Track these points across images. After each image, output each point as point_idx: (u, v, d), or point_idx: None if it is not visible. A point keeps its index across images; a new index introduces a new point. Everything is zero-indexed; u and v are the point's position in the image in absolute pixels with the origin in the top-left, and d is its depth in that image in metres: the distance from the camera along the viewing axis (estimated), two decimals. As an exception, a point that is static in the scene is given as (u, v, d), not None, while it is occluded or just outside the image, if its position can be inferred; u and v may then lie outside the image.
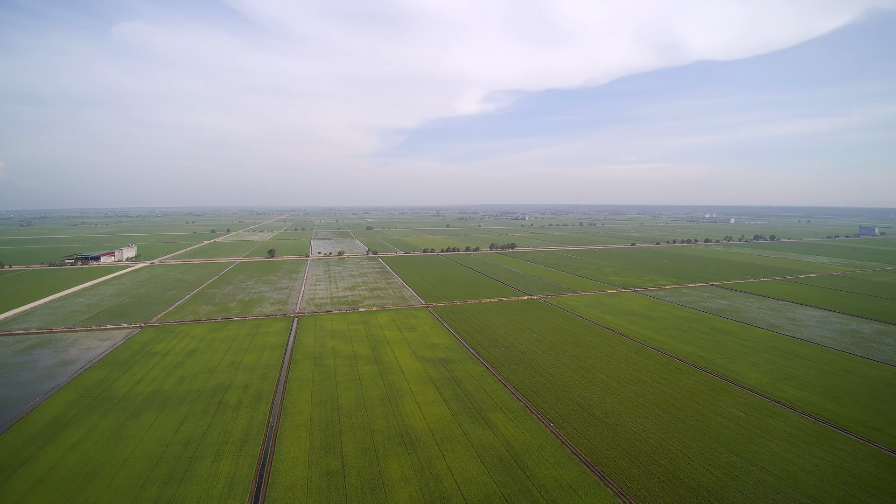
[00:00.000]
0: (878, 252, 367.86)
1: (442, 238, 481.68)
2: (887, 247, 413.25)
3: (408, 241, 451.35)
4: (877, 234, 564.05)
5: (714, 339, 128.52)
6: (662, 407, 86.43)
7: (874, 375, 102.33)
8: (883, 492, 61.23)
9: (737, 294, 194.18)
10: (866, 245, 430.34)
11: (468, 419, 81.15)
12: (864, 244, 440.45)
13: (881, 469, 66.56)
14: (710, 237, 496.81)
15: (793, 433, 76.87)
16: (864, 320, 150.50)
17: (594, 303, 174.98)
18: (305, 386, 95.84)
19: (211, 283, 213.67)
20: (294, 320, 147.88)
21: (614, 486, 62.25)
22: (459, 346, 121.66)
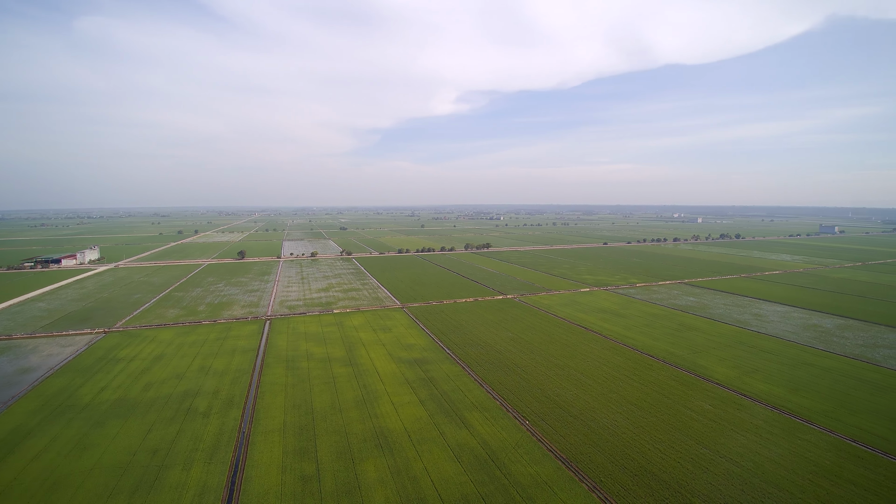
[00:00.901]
0: (838, 249, 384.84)
1: (417, 238, 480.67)
2: (846, 244, 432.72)
3: (382, 241, 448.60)
4: (836, 233, 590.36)
5: (683, 336, 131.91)
6: (634, 402, 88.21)
7: (835, 368, 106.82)
8: (845, 479, 63.91)
9: (704, 291, 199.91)
10: (826, 243, 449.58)
11: (445, 419, 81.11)
12: (824, 242, 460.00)
13: (842, 457, 69.49)
14: (679, 236, 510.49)
15: (759, 425, 79.50)
16: (825, 315, 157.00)
17: (568, 301, 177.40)
18: (278, 390, 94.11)
19: (178, 285, 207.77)
20: (266, 323, 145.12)
21: (589, 482, 63.18)
22: (435, 347, 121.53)
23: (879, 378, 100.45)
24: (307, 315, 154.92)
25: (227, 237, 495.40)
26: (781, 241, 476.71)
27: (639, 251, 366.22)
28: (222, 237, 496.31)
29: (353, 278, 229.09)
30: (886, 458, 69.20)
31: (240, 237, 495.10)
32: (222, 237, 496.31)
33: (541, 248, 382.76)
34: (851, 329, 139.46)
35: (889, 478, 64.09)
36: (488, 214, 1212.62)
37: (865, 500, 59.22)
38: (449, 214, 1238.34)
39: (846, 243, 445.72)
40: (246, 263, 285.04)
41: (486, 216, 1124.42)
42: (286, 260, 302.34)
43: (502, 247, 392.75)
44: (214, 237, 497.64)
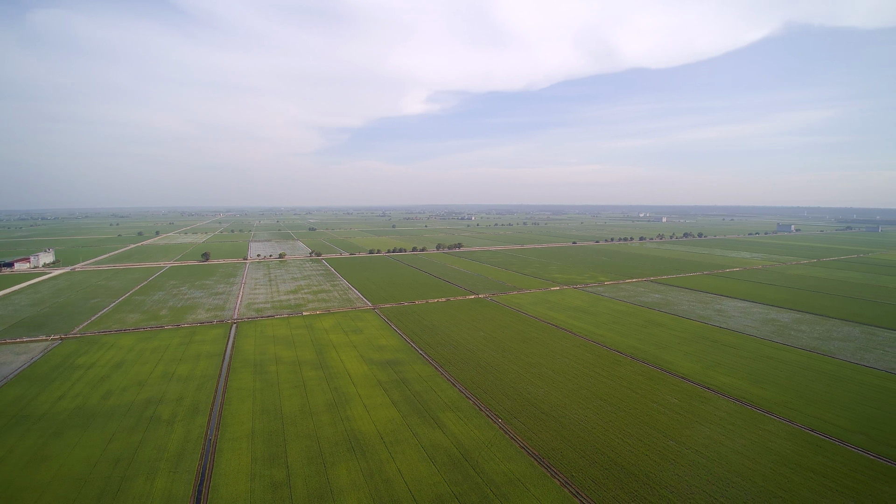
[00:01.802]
0: (794, 247, 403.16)
1: (388, 239, 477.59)
2: (802, 242, 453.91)
3: (353, 242, 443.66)
4: (793, 231, 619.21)
5: (649, 331, 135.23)
6: (604, 397, 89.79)
7: (792, 360, 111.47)
8: (804, 467, 66.71)
9: (669, 288, 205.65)
10: (783, 241, 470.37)
11: (418, 420, 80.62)
12: (781, 240, 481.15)
13: (801, 446, 72.51)
14: (645, 235, 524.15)
15: (722, 417, 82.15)
16: (782, 310, 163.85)
17: (539, 300, 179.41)
18: (246, 395, 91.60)
19: (139, 289, 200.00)
20: (232, 327, 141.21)
21: (561, 477, 63.90)
22: (407, 348, 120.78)
23: (834, 369, 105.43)
24: (275, 318, 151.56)
25: (190, 238, 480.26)
26: (741, 239, 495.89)
27: (607, 250, 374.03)
28: (185, 238, 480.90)
29: (322, 280, 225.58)
30: (842, 445, 72.64)
31: (204, 238, 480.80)
32: (185, 238, 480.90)
33: (512, 248, 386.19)
34: (807, 323, 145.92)
35: (845, 465, 67.27)
36: (460, 214, 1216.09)
37: (824, 487, 61.93)
38: (420, 215, 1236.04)
39: (802, 241, 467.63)
40: (210, 265, 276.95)
41: (457, 216, 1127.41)
42: (253, 261, 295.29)
43: (474, 247, 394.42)
44: (177, 239, 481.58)
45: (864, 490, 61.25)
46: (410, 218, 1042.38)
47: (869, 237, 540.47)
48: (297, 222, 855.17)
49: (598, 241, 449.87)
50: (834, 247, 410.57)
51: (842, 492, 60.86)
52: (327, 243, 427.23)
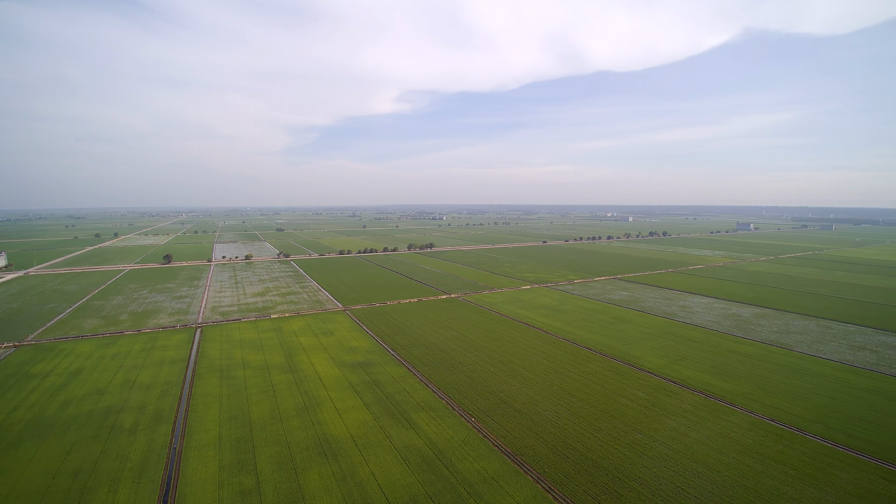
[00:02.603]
0: (753, 245, 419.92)
1: (359, 239, 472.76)
2: (760, 240, 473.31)
3: (322, 242, 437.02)
4: (752, 230, 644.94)
5: (617, 328, 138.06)
6: (574, 394, 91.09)
7: (753, 353, 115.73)
8: (765, 456, 69.26)
9: (636, 286, 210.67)
10: (743, 239, 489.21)
11: (391, 422, 79.88)
12: (741, 238, 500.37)
13: (763, 436, 75.27)
14: (612, 234, 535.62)
15: (688, 409, 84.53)
16: (742, 305, 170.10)
17: (510, 299, 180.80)
18: (212, 402, 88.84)
19: (97, 293, 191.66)
20: (197, 331, 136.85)
21: (534, 473, 64.42)
22: (379, 349, 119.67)
23: (792, 361, 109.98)
24: (242, 321, 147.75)
25: (151, 240, 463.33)
26: (703, 237, 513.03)
27: (576, 249, 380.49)
28: (146, 240, 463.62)
29: (291, 281, 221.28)
30: (801, 434, 75.78)
31: (166, 240, 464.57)
32: (146, 240, 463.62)
33: (483, 248, 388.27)
34: (766, 317, 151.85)
35: (804, 453, 70.18)
36: (431, 214, 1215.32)
37: (785, 475, 64.40)
38: (391, 215, 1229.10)
39: (760, 239, 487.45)
40: (173, 268, 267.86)
41: (428, 216, 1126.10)
42: (218, 263, 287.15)
43: (445, 246, 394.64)
44: (137, 240, 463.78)
45: (822, 477, 64.03)
46: (381, 218, 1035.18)
47: (823, 235, 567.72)
48: (265, 223, 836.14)
49: (568, 241, 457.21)
50: (790, 244, 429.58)
51: (802, 479, 63.43)
52: (296, 244, 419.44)
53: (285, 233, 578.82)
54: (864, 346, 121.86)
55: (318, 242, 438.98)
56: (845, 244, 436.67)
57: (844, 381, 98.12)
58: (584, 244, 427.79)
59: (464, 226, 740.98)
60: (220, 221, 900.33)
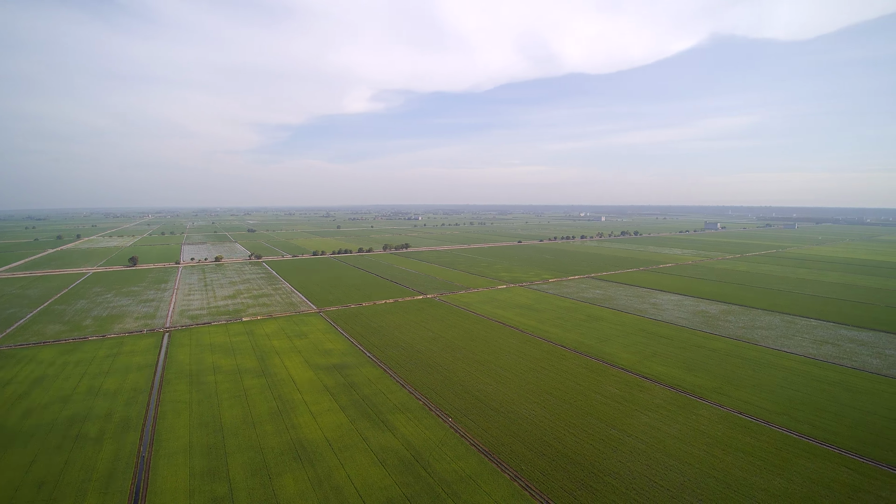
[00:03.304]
0: (720, 244, 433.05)
1: (333, 240, 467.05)
2: (727, 239, 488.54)
3: (295, 243, 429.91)
4: (719, 229, 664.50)
5: (591, 326, 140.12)
6: (549, 391, 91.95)
7: (721, 349, 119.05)
8: (734, 448, 71.28)
9: (609, 284, 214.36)
10: (710, 238, 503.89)
11: (367, 424, 79.04)
12: (708, 237, 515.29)
13: (731, 428, 77.46)
14: (586, 234, 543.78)
15: (659, 404, 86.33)
16: (711, 302, 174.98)
17: (486, 298, 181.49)
18: (182, 408, 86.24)
19: (59, 297, 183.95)
20: (165, 336, 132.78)
21: (511, 471, 64.69)
22: (355, 351, 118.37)
23: (758, 356, 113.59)
24: (212, 325, 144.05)
25: (115, 242, 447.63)
26: (673, 236, 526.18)
27: (550, 248, 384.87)
28: (110, 242, 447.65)
29: (263, 283, 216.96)
30: (768, 426, 78.27)
31: (131, 242, 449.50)
32: (110, 242, 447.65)
33: (459, 248, 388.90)
34: (733, 314, 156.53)
35: (771, 444, 72.50)
36: (406, 214, 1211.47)
37: (753, 466, 66.37)
38: (366, 215, 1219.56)
39: (727, 238, 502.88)
40: (139, 270, 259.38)
41: (404, 216, 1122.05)
42: (186, 265, 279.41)
43: (421, 247, 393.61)
44: (101, 242, 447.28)
45: (788, 467, 66.25)
46: (356, 218, 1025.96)
47: (786, 233, 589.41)
48: (235, 224, 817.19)
49: (543, 240, 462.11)
50: (755, 242, 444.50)
51: (769, 469, 65.50)
52: (268, 245, 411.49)
53: (256, 234, 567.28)
54: (827, 340, 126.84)
55: (291, 243, 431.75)
56: (807, 242, 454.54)
57: (808, 373, 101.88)
58: (559, 244, 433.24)
59: (439, 226, 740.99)
60: (189, 222, 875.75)
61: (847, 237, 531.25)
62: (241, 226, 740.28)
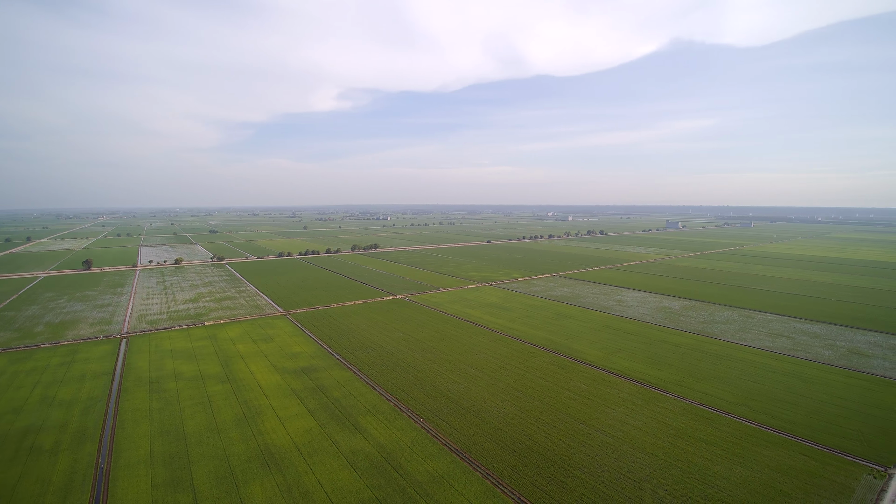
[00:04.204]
0: (682, 242, 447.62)
1: (299, 241, 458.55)
2: (688, 237, 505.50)
3: (260, 244, 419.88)
4: (680, 228, 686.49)
5: (559, 323, 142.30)
6: (520, 389, 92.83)
7: (683, 343, 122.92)
8: (697, 438, 73.69)
9: (576, 282, 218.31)
10: (672, 236, 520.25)
11: (337, 427, 77.83)
12: (670, 236, 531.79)
13: (693, 419, 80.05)
14: (553, 233, 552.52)
15: (626, 398, 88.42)
16: (673, 298, 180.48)
17: (456, 298, 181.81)
18: (141, 417, 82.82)
19: (8, 304, 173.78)
20: (122, 342, 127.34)
21: (483, 469, 64.93)
22: (324, 353, 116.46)
23: (718, 349, 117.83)
24: (173, 330, 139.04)
25: (68, 244, 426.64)
26: (637, 235, 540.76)
27: (519, 248, 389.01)
28: (62, 244, 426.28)
29: (227, 286, 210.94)
30: (728, 417, 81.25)
31: (85, 244, 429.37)
32: (62, 244, 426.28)
33: (428, 248, 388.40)
34: (694, 309, 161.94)
35: (732, 434, 75.30)
36: (375, 215, 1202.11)
37: (715, 455, 68.77)
38: (333, 215, 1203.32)
39: (688, 236, 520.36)
40: (94, 274, 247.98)
41: (372, 216, 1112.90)
42: (144, 268, 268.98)
43: (390, 247, 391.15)
44: (52, 245, 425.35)
45: (748, 455, 68.93)
46: (323, 219, 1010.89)
47: (743, 232, 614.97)
48: (196, 224, 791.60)
49: (511, 240, 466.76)
50: (714, 241, 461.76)
51: (730, 458, 67.98)
52: (231, 247, 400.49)
53: (219, 234, 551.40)
54: (782, 333, 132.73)
55: (256, 244, 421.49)
56: (763, 240, 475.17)
57: (765, 365, 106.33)
58: (527, 243, 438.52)
59: (409, 226, 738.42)
60: (146, 223, 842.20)
61: (800, 235, 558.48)
62: (203, 227, 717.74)
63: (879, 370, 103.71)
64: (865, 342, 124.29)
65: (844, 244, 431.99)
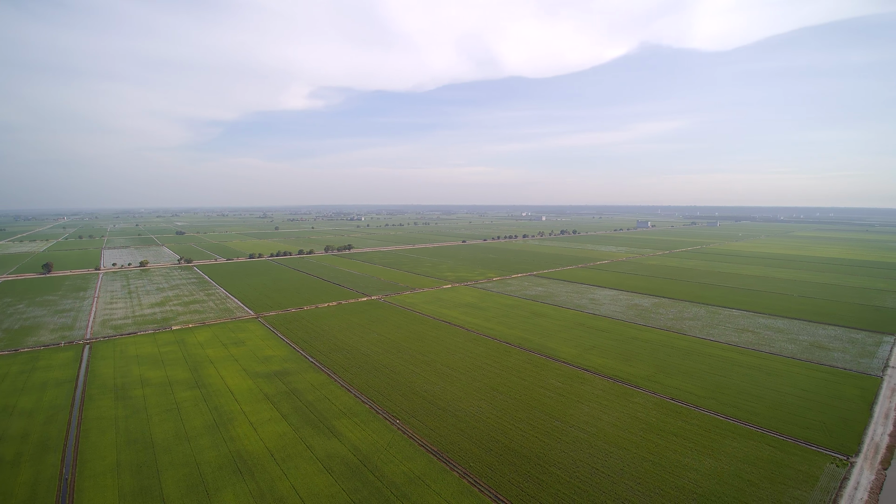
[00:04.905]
0: (651, 240, 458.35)
1: (271, 242, 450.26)
2: (657, 236, 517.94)
3: (230, 246, 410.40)
4: (649, 227, 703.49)
5: (534, 322, 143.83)
6: (495, 387, 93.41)
7: (654, 339, 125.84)
8: (667, 432, 75.59)
9: (550, 281, 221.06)
10: (642, 235, 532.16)
11: (311, 431, 76.74)
12: (640, 235, 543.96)
13: (664, 413, 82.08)
14: (528, 233, 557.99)
15: (599, 394, 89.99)
16: (643, 296, 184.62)
17: (431, 298, 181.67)
18: (107, 425, 79.92)
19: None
20: (85, 348, 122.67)
21: (459, 469, 65.06)
22: (297, 357, 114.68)
23: (687, 345, 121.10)
24: (139, 335, 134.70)
25: (27, 247, 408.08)
26: (608, 234, 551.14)
27: (494, 248, 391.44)
28: (20, 247, 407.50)
29: (195, 289, 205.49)
30: (697, 410, 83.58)
31: (44, 247, 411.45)
32: (20, 247, 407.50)
33: (403, 248, 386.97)
34: (664, 306, 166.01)
35: (700, 426, 77.52)
36: (349, 215, 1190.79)
37: (685, 448, 70.65)
38: (306, 216, 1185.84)
39: (657, 235, 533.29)
40: (54, 278, 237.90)
41: (346, 217, 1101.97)
42: (108, 272, 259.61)
43: (365, 248, 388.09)
44: (9, 248, 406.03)
45: (716, 447, 71.07)
46: (295, 219, 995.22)
47: (709, 231, 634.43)
48: (162, 226, 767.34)
49: (486, 240, 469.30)
50: (682, 239, 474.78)
51: (699, 450, 69.96)
52: (199, 248, 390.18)
53: (187, 236, 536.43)
54: (746, 328, 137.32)
55: (225, 246, 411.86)
56: (728, 239, 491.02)
57: (731, 360, 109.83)
58: (502, 243, 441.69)
59: (383, 226, 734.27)
60: (110, 225, 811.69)
61: (763, 234, 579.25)
62: (170, 228, 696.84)
63: (840, 362, 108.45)
64: (826, 336, 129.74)
65: (805, 242, 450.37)
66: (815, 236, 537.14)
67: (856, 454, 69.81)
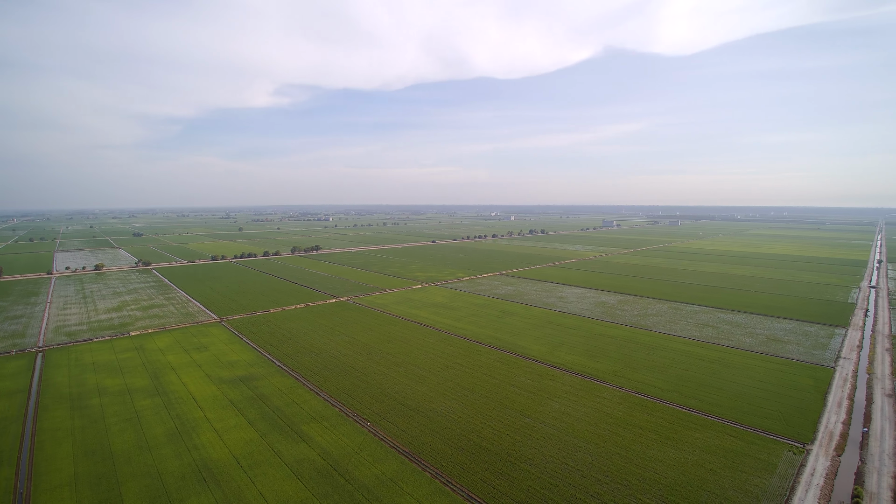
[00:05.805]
0: (616, 239, 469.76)
1: (235, 243, 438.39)
2: (622, 235, 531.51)
3: (191, 248, 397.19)
4: (615, 226, 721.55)
5: (504, 321, 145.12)
6: (467, 387, 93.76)
7: (619, 336, 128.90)
8: (634, 425, 77.56)
9: (520, 280, 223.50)
10: (608, 234, 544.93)
11: (279, 437, 75.13)
12: (606, 234, 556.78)
13: (630, 407, 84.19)
14: (497, 232, 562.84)
15: (567, 390, 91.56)
16: (609, 293, 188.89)
17: (402, 299, 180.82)
18: (63, 436, 76.10)
19: None
20: (38, 356, 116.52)
21: (431, 469, 64.99)
22: (263, 361, 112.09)
23: (651, 340, 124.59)
24: (95, 341, 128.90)
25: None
26: (576, 234, 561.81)
27: (464, 247, 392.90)
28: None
29: (154, 293, 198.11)
30: (661, 403, 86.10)
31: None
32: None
33: (373, 249, 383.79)
34: (629, 303, 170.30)
35: (665, 419, 79.88)
36: (316, 215, 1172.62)
37: (650, 440, 72.65)
38: (271, 216, 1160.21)
39: (622, 234, 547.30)
40: (3, 283, 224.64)
41: (313, 217, 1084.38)
42: (61, 276, 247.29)
43: (333, 248, 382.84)
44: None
45: (681, 438, 73.38)
46: (260, 220, 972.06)
47: (671, 230, 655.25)
48: (118, 227, 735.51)
49: (456, 240, 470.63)
50: (646, 238, 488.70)
51: (665, 442, 72.08)
52: (158, 251, 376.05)
53: (145, 238, 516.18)
54: (707, 323, 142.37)
55: (186, 248, 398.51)
56: (689, 237, 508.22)
57: (693, 354, 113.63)
58: (472, 242, 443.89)
59: (351, 227, 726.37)
60: (62, 226, 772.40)
61: (722, 232, 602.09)
62: (126, 229, 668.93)
63: (794, 354, 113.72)
64: (781, 329, 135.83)
65: (760, 240, 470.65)
66: (770, 234, 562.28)
67: (811, 442, 73.34)
